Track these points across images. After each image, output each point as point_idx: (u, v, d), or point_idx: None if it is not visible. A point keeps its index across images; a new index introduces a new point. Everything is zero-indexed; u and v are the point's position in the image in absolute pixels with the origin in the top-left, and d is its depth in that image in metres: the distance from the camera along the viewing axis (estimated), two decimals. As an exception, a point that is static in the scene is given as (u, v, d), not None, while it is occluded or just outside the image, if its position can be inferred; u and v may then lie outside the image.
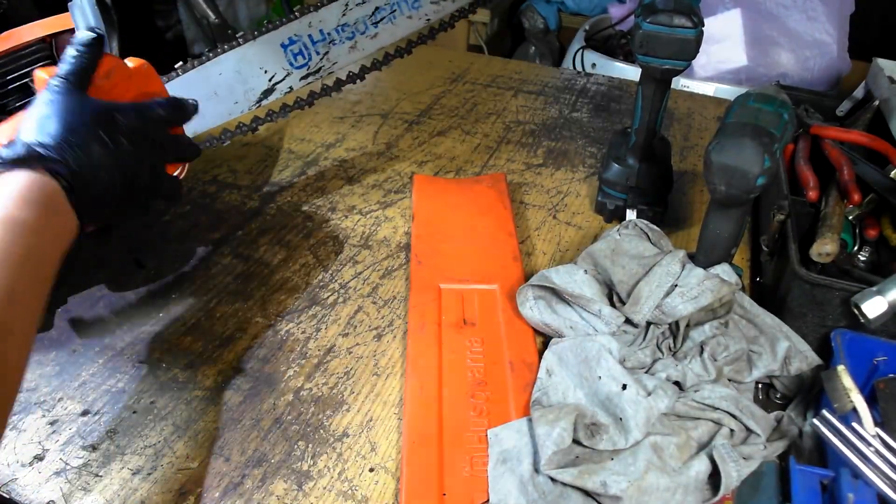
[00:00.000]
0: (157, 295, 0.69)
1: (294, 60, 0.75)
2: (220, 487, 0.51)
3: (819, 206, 0.74)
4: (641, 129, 0.74)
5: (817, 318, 0.62)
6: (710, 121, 1.05)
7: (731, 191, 0.57)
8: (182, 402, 0.58)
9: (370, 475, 0.52)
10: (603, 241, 0.66)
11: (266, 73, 0.73)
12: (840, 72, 1.52)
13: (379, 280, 0.72)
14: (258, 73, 0.73)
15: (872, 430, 0.51)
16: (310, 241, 0.77)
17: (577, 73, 1.23)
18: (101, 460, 0.53)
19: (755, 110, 0.58)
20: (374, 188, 0.86)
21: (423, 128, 1.00)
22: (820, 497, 0.49)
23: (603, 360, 0.55)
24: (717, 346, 0.58)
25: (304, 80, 0.76)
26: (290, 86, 0.75)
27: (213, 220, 0.80)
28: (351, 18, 0.76)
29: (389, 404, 0.58)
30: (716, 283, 0.58)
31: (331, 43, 0.76)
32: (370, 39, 0.79)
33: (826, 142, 0.82)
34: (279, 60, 0.74)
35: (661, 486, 0.48)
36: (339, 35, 0.76)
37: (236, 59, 0.71)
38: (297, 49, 0.74)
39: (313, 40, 0.75)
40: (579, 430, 0.50)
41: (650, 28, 0.64)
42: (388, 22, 0.79)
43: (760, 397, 0.61)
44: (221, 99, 0.71)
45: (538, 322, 0.63)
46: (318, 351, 0.63)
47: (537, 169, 0.91)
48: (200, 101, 0.64)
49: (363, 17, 0.77)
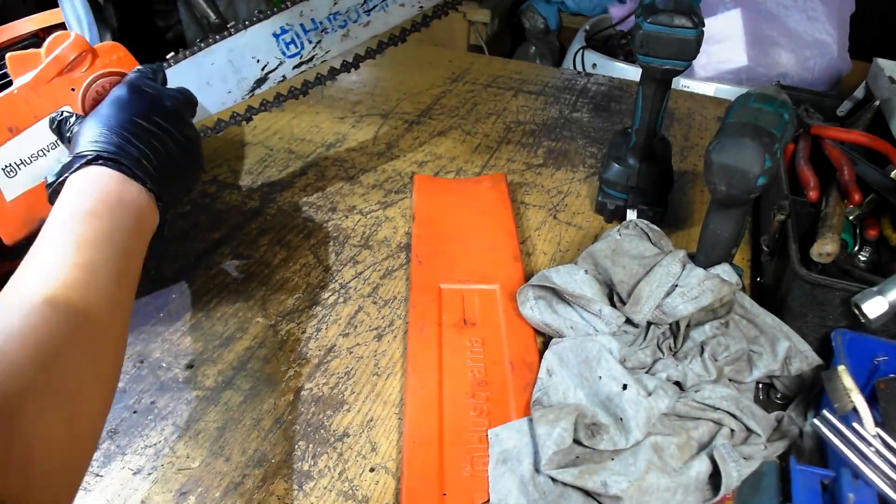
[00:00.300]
0: (157, 295, 0.69)
1: (286, 49, 0.75)
2: (220, 487, 0.51)
3: (819, 207, 0.74)
4: (642, 130, 0.74)
5: (818, 318, 0.62)
6: (711, 121, 1.05)
7: (731, 191, 0.57)
8: (182, 402, 0.58)
9: (371, 475, 0.52)
10: (603, 241, 0.66)
11: (258, 63, 0.73)
12: (840, 72, 1.52)
13: (379, 280, 0.72)
14: (251, 63, 0.73)
15: (873, 430, 0.51)
16: (310, 241, 0.77)
17: (578, 73, 1.23)
18: (101, 460, 0.53)
19: (755, 110, 0.58)
20: (374, 188, 0.86)
21: (423, 128, 1.00)
22: (820, 497, 0.49)
23: (603, 360, 0.55)
24: (717, 346, 0.58)
25: (296, 69, 0.76)
26: (283, 75, 0.75)
27: (213, 220, 0.80)
28: (343, 7, 0.76)
29: (390, 404, 0.58)
30: (716, 283, 0.58)
31: (323, 31, 0.76)
32: (363, 27, 0.78)
33: (826, 142, 0.82)
34: (271, 49, 0.74)
35: (662, 486, 0.48)
36: (330, 24, 0.76)
37: (228, 49, 0.71)
38: (290, 38, 0.74)
39: (305, 29, 0.75)
40: (580, 430, 0.50)
41: (650, 28, 0.64)
42: (380, 10, 0.79)
43: (761, 397, 0.61)
44: (214, 88, 0.71)
45: (538, 322, 0.63)
46: (319, 351, 0.63)
47: (538, 169, 0.91)
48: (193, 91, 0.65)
49: (355, 6, 0.77)
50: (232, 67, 0.72)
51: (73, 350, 0.40)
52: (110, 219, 0.48)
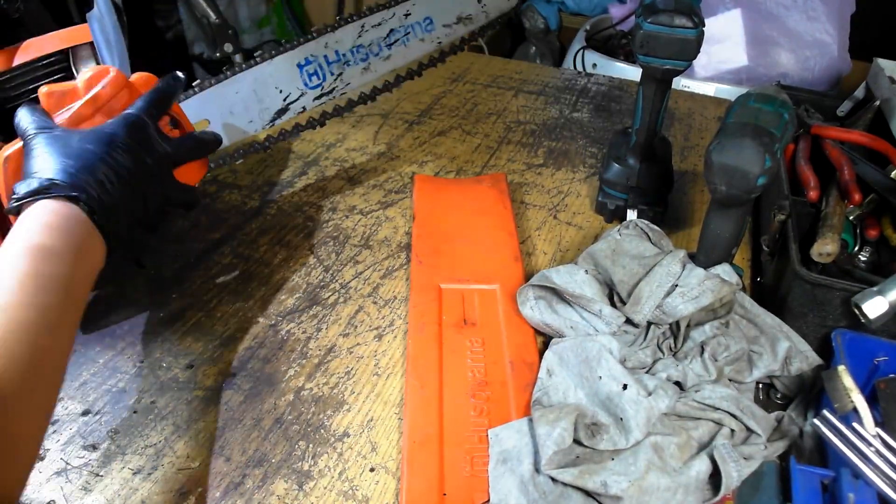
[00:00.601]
0: (157, 295, 0.69)
1: (309, 81, 0.76)
2: (220, 487, 0.51)
3: (819, 206, 0.74)
4: (642, 129, 0.74)
5: (818, 318, 0.62)
6: (711, 121, 1.05)
7: (731, 191, 0.57)
8: (182, 402, 0.58)
9: (371, 475, 0.52)
10: (603, 241, 0.66)
11: (281, 93, 0.75)
12: (840, 72, 1.52)
13: (379, 280, 0.72)
14: (274, 93, 0.74)
15: (873, 430, 0.51)
16: (310, 241, 0.77)
17: (578, 73, 1.23)
18: (101, 460, 0.53)
19: (756, 110, 0.58)
20: (374, 188, 0.86)
21: (423, 128, 1.00)
22: (820, 497, 0.49)
23: (603, 360, 0.55)
24: (717, 346, 0.58)
25: (317, 101, 0.78)
26: (303, 105, 0.77)
27: (213, 220, 0.80)
28: (366, 40, 0.78)
29: (390, 404, 0.58)
30: (716, 283, 0.58)
31: (345, 64, 0.78)
32: (383, 61, 0.81)
33: (826, 142, 0.82)
34: (294, 80, 0.75)
35: (662, 486, 0.48)
36: (353, 56, 0.78)
37: (253, 79, 0.72)
38: (313, 69, 0.76)
39: (328, 61, 0.77)
40: (580, 430, 0.50)
41: (651, 28, 0.64)
42: (401, 44, 0.81)
43: (761, 397, 0.61)
44: (237, 117, 0.72)
45: (538, 322, 0.63)
46: (319, 351, 0.63)
47: (538, 169, 0.91)
48: (216, 119, 0.68)
49: (378, 39, 0.79)
50: (255, 97, 0.73)
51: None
52: (60, 258, 0.46)
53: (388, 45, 0.80)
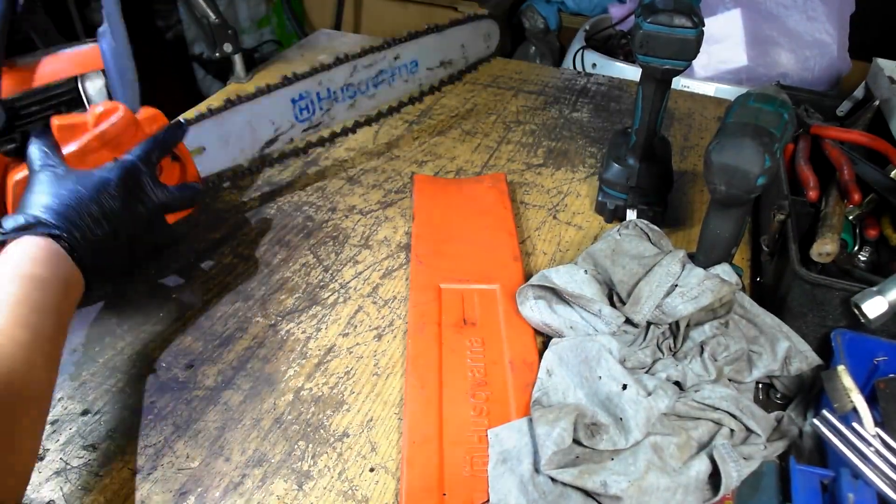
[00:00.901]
0: (157, 295, 0.69)
1: (299, 114, 0.81)
2: (220, 487, 0.51)
3: (819, 206, 0.74)
4: (642, 129, 0.74)
5: (817, 318, 0.62)
6: (711, 121, 1.05)
7: (731, 191, 0.57)
8: (182, 402, 0.58)
9: (370, 475, 0.52)
10: (603, 241, 0.66)
11: (273, 125, 0.79)
12: (840, 72, 1.52)
13: (379, 280, 0.72)
14: (266, 125, 0.78)
15: (873, 430, 0.51)
16: (310, 241, 0.77)
17: (578, 73, 1.23)
18: (101, 460, 0.53)
19: (755, 110, 0.58)
20: (374, 188, 0.86)
21: (423, 128, 1.00)
22: (820, 497, 0.49)
23: (603, 360, 0.55)
24: (717, 346, 0.58)
25: (304, 133, 0.83)
26: (291, 137, 0.81)
27: (213, 220, 0.80)
28: (356, 79, 0.83)
29: (390, 404, 0.58)
30: (716, 283, 0.58)
31: (334, 100, 0.83)
32: (368, 99, 0.86)
33: (826, 142, 0.82)
34: (286, 114, 0.79)
35: (662, 486, 0.48)
36: (342, 93, 0.83)
37: (250, 111, 0.76)
38: (305, 104, 0.81)
39: (320, 97, 0.82)
40: (579, 430, 0.50)
41: (650, 28, 0.64)
42: (386, 84, 0.87)
43: (760, 397, 0.61)
44: (230, 146, 0.76)
45: (538, 322, 0.63)
46: (319, 351, 0.63)
47: (537, 169, 0.91)
48: (211, 146, 0.72)
49: (367, 79, 0.84)
50: (249, 128, 0.77)
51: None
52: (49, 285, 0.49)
53: (375, 85, 0.86)
